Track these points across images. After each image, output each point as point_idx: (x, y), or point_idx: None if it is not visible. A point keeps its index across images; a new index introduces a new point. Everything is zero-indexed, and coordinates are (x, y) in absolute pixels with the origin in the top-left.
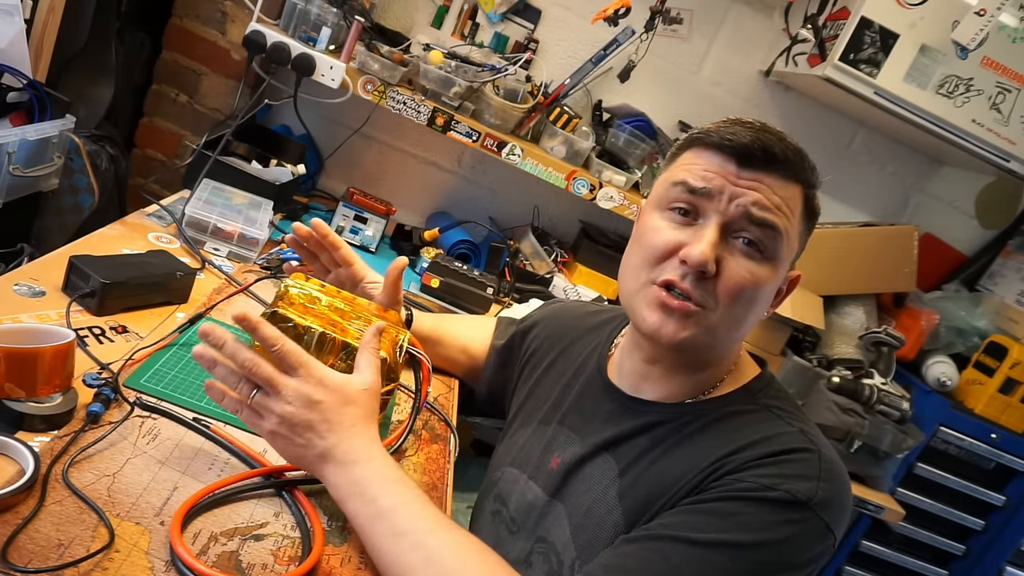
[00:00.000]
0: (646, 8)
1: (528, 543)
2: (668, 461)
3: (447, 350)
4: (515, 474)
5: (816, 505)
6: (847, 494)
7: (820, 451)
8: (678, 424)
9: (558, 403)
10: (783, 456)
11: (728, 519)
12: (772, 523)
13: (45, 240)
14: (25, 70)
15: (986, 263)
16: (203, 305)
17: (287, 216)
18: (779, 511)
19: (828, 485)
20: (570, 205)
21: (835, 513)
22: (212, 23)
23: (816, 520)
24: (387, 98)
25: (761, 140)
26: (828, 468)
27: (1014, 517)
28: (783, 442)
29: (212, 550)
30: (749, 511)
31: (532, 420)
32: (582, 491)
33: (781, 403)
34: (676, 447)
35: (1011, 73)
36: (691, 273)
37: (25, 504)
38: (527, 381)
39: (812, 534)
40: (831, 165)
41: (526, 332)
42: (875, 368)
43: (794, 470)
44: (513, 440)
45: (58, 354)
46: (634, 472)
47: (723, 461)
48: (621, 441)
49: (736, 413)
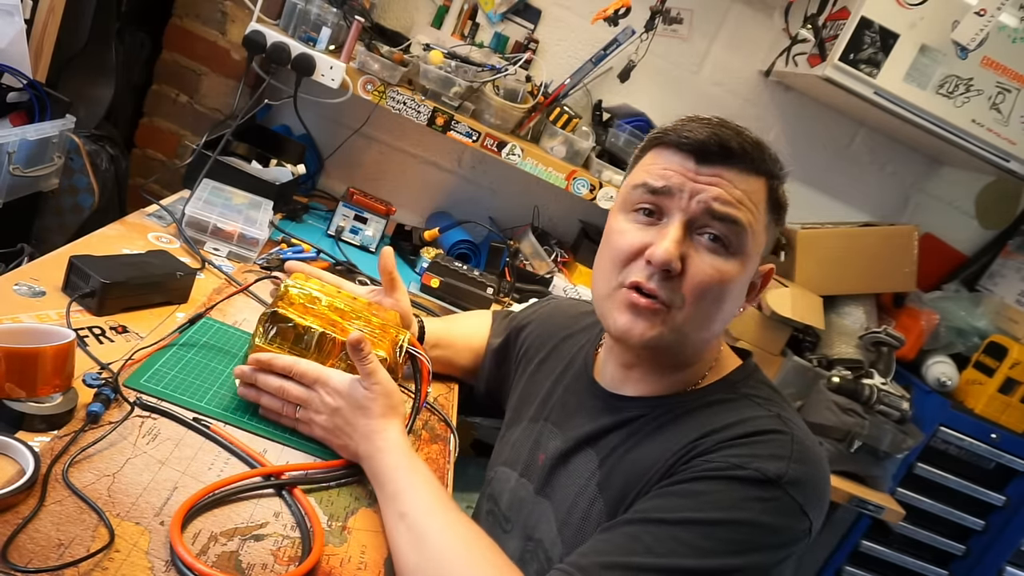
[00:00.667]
0: (646, 8)
1: (520, 542)
2: (643, 449)
3: (456, 353)
4: (506, 472)
5: (787, 484)
6: (823, 479)
7: (793, 433)
8: (655, 415)
9: (546, 400)
10: (754, 437)
11: (697, 498)
12: (741, 500)
13: (45, 240)
14: (25, 70)
15: (986, 263)
16: (203, 305)
17: (287, 216)
18: (748, 488)
19: (800, 466)
20: (570, 205)
21: (809, 495)
22: (212, 23)
23: (787, 499)
24: (387, 98)
25: (718, 135)
26: (801, 450)
27: (1014, 517)
28: (756, 424)
29: (212, 550)
30: (718, 489)
31: (523, 418)
32: (566, 485)
33: (760, 391)
34: (651, 436)
35: (1011, 73)
36: (657, 273)
37: (25, 504)
38: (521, 379)
39: (783, 512)
40: (831, 165)
41: (520, 330)
42: (875, 368)
43: (765, 450)
44: (506, 439)
45: (58, 354)
46: (611, 461)
47: (694, 444)
48: (601, 435)
49: (713, 403)
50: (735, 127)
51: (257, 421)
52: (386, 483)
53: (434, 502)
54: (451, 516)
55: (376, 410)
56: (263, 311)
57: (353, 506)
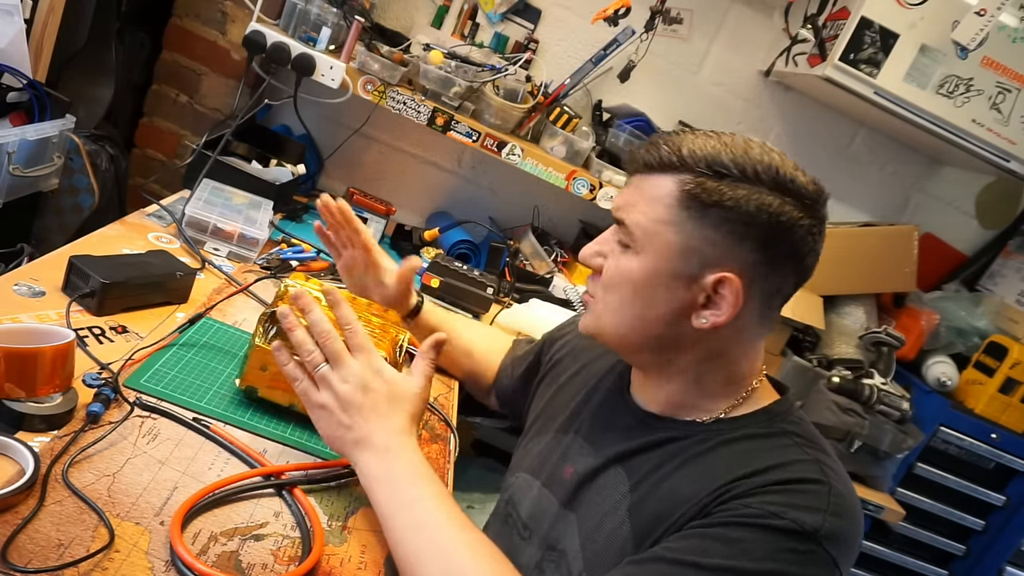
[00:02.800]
0: (646, 8)
1: (540, 551)
2: (679, 479)
3: (450, 348)
4: (528, 480)
5: (823, 538)
6: (857, 531)
7: (832, 484)
8: (692, 442)
9: (576, 413)
10: (793, 485)
11: (732, 545)
12: (775, 551)
13: (45, 240)
14: (25, 70)
15: (986, 263)
16: (203, 305)
17: (287, 216)
18: (784, 540)
19: (836, 520)
20: (570, 205)
21: (842, 549)
22: (212, 23)
23: (821, 552)
24: (387, 98)
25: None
26: (838, 503)
27: (1014, 517)
28: (795, 471)
29: (212, 550)
30: (754, 537)
31: (550, 428)
32: (595, 503)
33: (801, 430)
34: (688, 464)
35: (1011, 73)
36: (591, 274)
37: (25, 504)
38: (548, 388)
39: (816, 565)
40: (831, 165)
41: (555, 340)
42: (875, 368)
43: (803, 501)
44: (528, 448)
45: (58, 354)
46: (645, 487)
47: (732, 484)
48: (634, 454)
49: (752, 436)
50: (664, 136)
51: (257, 421)
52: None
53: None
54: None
55: (413, 410)
56: (263, 311)
57: (353, 506)
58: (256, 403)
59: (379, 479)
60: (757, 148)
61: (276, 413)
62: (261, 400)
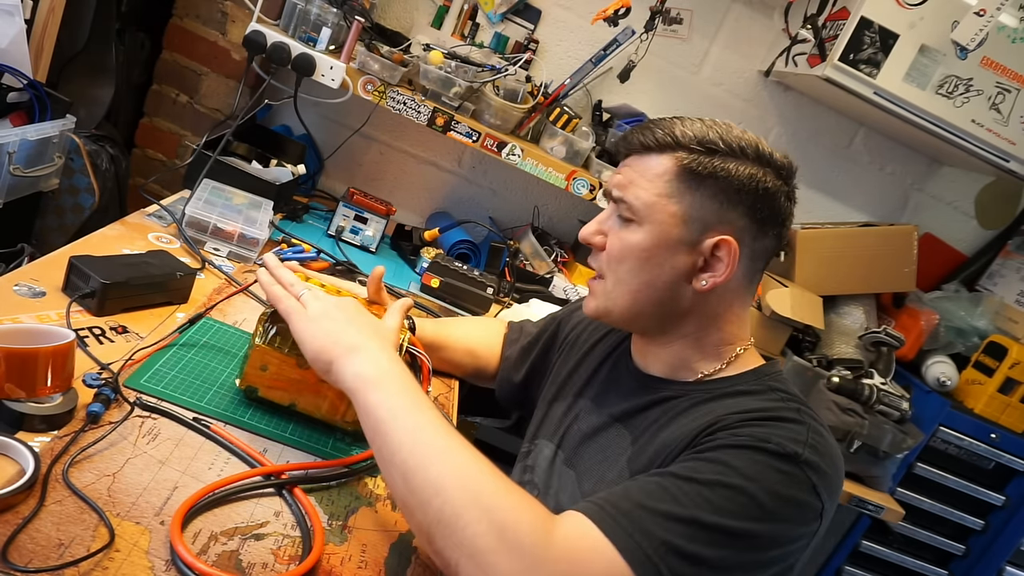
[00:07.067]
0: (646, 8)
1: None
2: (673, 428)
3: (452, 353)
4: (545, 443)
5: (804, 463)
6: (836, 471)
7: (810, 424)
8: (688, 399)
9: (591, 379)
10: (775, 421)
11: (724, 465)
12: (763, 468)
13: (45, 240)
14: (25, 70)
15: (986, 263)
16: (203, 305)
17: (287, 216)
18: (769, 459)
19: (814, 453)
20: (570, 205)
21: (822, 478)
22: (212, 23)
23: (802, 475)
24: (387, 98)
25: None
26: (817, 440)
27: (1014, 517)
28: (777, 412)
29: (212, 549)
30: (743, 458)
31: (567, 394)
32: (596, 460)
33: (787, 388)
34: (682, 415)
35: (1011, 73)
36: (592, 251)
37: (25, 504)
38: (568, 359)
39: (799, 487)
40: (831, 165)
41: (571, 315)
42: (875, 368)
43: (784, 432)
44: (549, 415)
45: (58, 354)
46: (643, 440)
47: (720, 419)
48: (635, 413)
49: (743, 392)
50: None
51: (257, 421)
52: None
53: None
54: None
55: (395, 341)
56: (263, 311)
57: (354, 505)
58: (256, 403)
59: (376, 383)
60: (736, 129)
61: (276, 413)
62: (261, 400)
